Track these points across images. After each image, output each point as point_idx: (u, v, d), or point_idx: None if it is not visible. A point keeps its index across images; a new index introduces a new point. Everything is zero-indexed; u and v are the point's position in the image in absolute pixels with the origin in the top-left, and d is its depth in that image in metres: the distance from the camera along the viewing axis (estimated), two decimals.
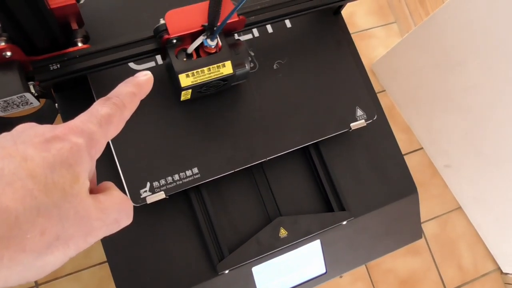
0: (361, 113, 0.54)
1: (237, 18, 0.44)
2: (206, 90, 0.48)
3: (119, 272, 0.48)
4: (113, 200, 0.22)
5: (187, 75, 0.43)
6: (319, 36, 0.56)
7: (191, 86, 0.44)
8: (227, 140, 0.50)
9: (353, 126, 0.54)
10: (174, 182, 0.47)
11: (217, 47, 0.44)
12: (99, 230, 0.20)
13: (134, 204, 0.46)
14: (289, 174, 0.56)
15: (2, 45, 0.38)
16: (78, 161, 0.19)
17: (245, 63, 0.46)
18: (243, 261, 0.50)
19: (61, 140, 0.19)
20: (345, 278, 1.03)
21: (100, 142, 0.22)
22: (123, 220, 0.22)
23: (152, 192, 0.46)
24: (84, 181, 0.20)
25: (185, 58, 0.44)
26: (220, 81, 0.46)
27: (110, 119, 0.22)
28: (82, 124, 0.21)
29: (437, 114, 1.05)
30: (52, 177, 0.18)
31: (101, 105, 0.23)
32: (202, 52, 0.44)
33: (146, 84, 0.27)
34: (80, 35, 0.44)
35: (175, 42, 0.43)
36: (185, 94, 0.46)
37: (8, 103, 0.40)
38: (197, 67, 0.44)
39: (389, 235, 0.58)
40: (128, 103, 0.24)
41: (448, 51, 0.90)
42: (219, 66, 0.44)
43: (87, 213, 0.19)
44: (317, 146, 0.55)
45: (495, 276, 1.12)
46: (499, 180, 0.96)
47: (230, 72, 0.45)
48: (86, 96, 0.50)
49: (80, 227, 0.19)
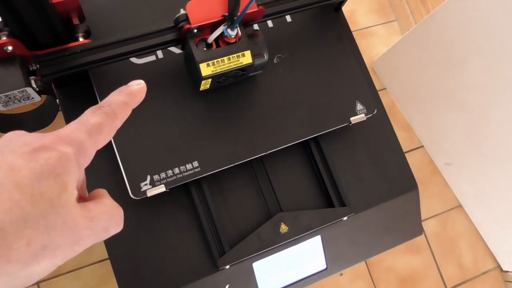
0: (361, 107, 0.54)
1: (257, 8, 0.45)
2: (225, 80, 0.48)
3: (120, 267, 0.49)
4: (103, 209, 0.22)
5: (207, 65, 0.44)
6: (319, 32, 0.56)
7: (211, 75, 0.45)
8: (227, 134, 0.50)
9: (353, 120, 0.54)
10: (174, 176, 0.47)
11: (237, 37, 0.45)
12: (87, 238, 0.20)
13: (135, 197, 0.46)
14: (290, 170, 0.56)
15: (4, 39, 0.38)
16: (66, 170, 0.19)
17: (264, 53, 0.47)
18: (243, 257, 0.50)
19: (49, 150, 0.19)
20: (345, 276, 1.03)
21: (89, 151, 0.22)
22: (112, 228, 0.22)
23: (153, 185, 0.46)
24: (72, 191, 0.20)
25: (205, 48, 0.45)
26: (239, 71, 0.47)
27: (100, 129, 0.22)
28: (71, 133, 0.21)
29: (438, 112, 1.05)
30: (39, 187, 0.18)
31: (91, 114, 0.23)
32: (221, 42, 0.45)
33: (139, 93, 0.26)
34: (82, 30, 0.44)
35: (195, 32, 0.44)
36: (204, 83, 0.47)
37: (10, 97, 0.40)
38: (217, 56, 0.44)
39: (390, 231, 0.58)
40: (119, 112, 0.24)
41: (449, 49, 0.90)
42: (239, 55, 0.45)
43: (75, 223, 0.19)
44: (318, 141, 0.55)
45: (495, 274, 1.12)
46: (500, 179, 0.96)
47: (250, 62, 0.46)
48: (88, 91, 0.50)
49: (67, 236, 0.19)
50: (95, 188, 0.25)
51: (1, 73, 0.39)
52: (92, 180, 0.49)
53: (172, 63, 0.50)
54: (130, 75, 0.49)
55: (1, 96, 0.39)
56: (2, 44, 0.38)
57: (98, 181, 0.50)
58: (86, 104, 0.50)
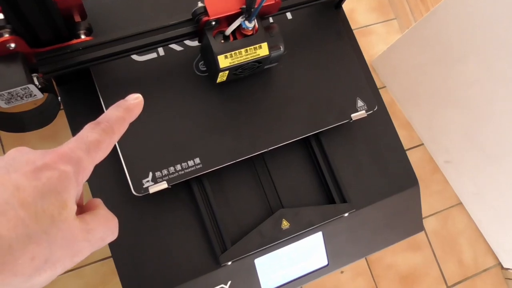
0: (361, 104, 0.54)
1: (273, 1, 0.45)
2: (241, 72, 0.49)
3: (123, 264, 0.49)
4: (99, 220, 0.23)
5: (225, 57, 0.45)
6: (320, 29, 0.56)
7: (229, 67, 0.45)
8: (229, 131, 0.50)
9: (354, 116, 0.54)
10: (176, 172, 0.47)
11: (254, 29, 0.46)
12: (85, 249, 0.22)
13: (137, 194, 0.46)
14: (291, 167, 0.56)
15: (6, 36, 0.38)
16: (66, 188, 0.21)
17: (280, 45, 0.47)
18: (245, 253, 0.50)
19: (51, 169, 0.21)
20: (346, 274, 1.03)
21: (87, 168, 0.23)
22: (108, 237, 0.24)
23: (155, 182, 0.47)
24: (71, 207, 0.21)
25: (222, 40, 0.45)
26: (255, 63, 0.47)
27: (98, 146, 0.23)
28: (71, 152, 0.22)
29: (438, 110, 1.05)
30: (42, 205, 0.20)
31: (90, 130, 0.24)
32: (238, 35, 0.46)
33: (136, 108, 0.27)
34: (83, 28, 0.44)
35: (213, 24, 0.44)
36: (222, 75, 0.47)
37: (12, 95, 0.40)
38: (235, 48, 0.45)
39: (391, 227, 0.58)
40: (117, 128, 0.25)
41: (448, 47, 0.91)
42: (256, 47, 0.46)
43: (74, 236, 0.21)
44: (319, 138, 0.55)
45: (496, 271, 1.12)
46: (500, 176, 0.97)
47: (266, 54, 0.46)
48: (89, 89, 0.50)
49: (67, 249, 0.20)
50: (97, 185, 0.26)
51: (4, 70, 0.39)
52: (95, 177, 0.49)
53: (173, 60, 0.51)
54: (131, 72, 0.49)
55: (4, 93, 0.39)
56: (4, 42, 0.38)
57: (101, 177, 0.50)
58: (88, 101, 0.51)
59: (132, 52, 0.45)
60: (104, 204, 0.25)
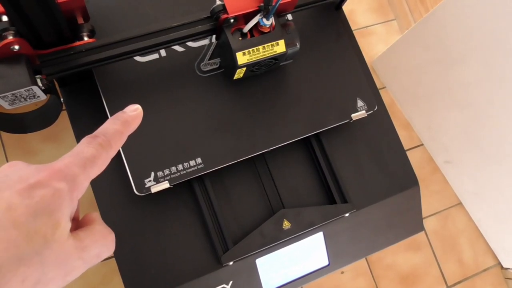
0: (361, 104, 0.55)
1: None
2: (258, 69, 0.50)
3: (125, 263, 0.49)
4: (95, 237, 0.22)
5: (243, 53, 0.45)
6: (320, 30, 0.56)
7: (246, 64, 0.46)
8: (230, 131, 0.50)
9: (354, 116, 0.54)
10: (178, 172, 0.48)
11: (271, 26, 0.46)
12: (79, 268, 0.21)
13: (139, 194, 0.47)
14: (292, 167, 0.56)
15: (10, 38, 0.38)
16: (59, 206, 0.20)
17: (296, 42, 0.48)
18: (247, 253, 0.51)
19: (44, 186, 0.20)
20: (346, 274, 1.04)
21: (82, 184, 0.22)
22: (103, 254, 0.23)
23: (157, 182, 0.47)
24: (65, 225, 0.20)
25: (240, 37, 0.46)
26: (272, 60, 0.48)
27: (94, 161, 0.23)
28: (66, 168, 0.21)
29: (437, 110, 1.05)
30: (34, 225, 0.19)
31: (86, 145, 0.23)
32: (255, 32, 0.46)
33: (135, 120, 0.27)
34: (86, 30, 0.45)
35: (232, 22, 0.45)
36: (239, 72, 0.48)
37: (16, 96, 0.41)
38: (253, 45, 0.46)
39: (391, 227, 0.59)
40: (114, 142, 0.24)
41: (448, 48, 0.91)
42: (273, 44, 0.46)
43: (67, 256, 0.20)
44: (319, 138, 0.56)
45: (496, 271, 1.13)
46: (499, 176, 0.97)
47: (283, 51, 0.47)
48: (92, 90, 0.50)
49: (60, 269, 0.20)
50: (98, 184, 0.25)
51: (8, 72, 0.39)
52: (97, 177, 0.49)
53: (175, 61, 0.51)
54: (133, 73, 0.50)
55: (8, 94, 0.40)
56: (8, 43, 0.38)
57: (102, 178, 0.50)
58: (90, 102, 0.51)
59: (136, 54, 0.45)
60: (101, 214, 0.25)
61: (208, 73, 0.52)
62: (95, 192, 0.50)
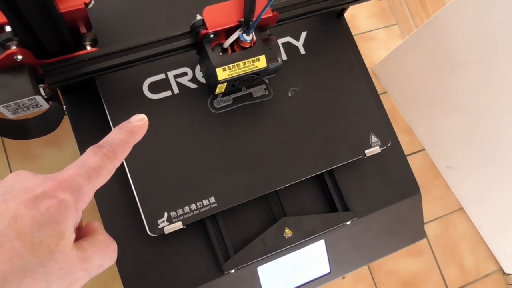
0: (375, 139, 0.54)
1: (271, 13, 0.46)
2: (240, 84, 0.49)
3: (127, 272, 0.49)
4: (98, 247, 0.22)
5: (223, 69, 0.45)
6: (332, 63, 0.56)
7: (227, 79, 0.45)
8: (243, 169, 0.50)
9: (368, 152, 0.54)
10: (191, 212, 0.47)
11: (252, 42, 0.46)
12: (82, 278, 0.21)
13: (152, 234, 0.46)
14: None
15: (13, 49, 0.39)
16: (64, 217, 0.20)
17: (278, 57, 0.48)
18: (248, 261, 0.51)
19: (50, 197, 0.20)
20: (347, 279, 1.03)
21: (87, 195, 0.22)
22: (106, 264, 0.23)
23: (170, 222, 0.47)
24: (69, 237, 0.20)
25: (221, 52, 0.45)
26: (253, 75, 0.47)
27: (100, 172, 0.23)
28: (71, 179, 0.21)
29: (439, 115, 1.05)
30: (39, 236, 0.19)
31: (92, 155, 0.23)
32: (236, 47, 0.46)
33: (140, 130, 0.26)
34: (89, 39, 0.45)
35: (212, 37, 0.45)
36: (220, 87, 0.47)
37: (19, 105, 0.41)
38: (233, 61, 0.45)
39: (393, 235, 0.59)
40: (119, 153, 0.24)
41: (449, 53, 0.91)
42: (254, 60, 0.46)
43: (71, 267, 0.20)
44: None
45: (497, 277, 1.12)
46: (501, 181, 0.97)
47: (264, 66, 0.46)
48: (94, 98, 0.50)
49: (63, 281, 0.20)
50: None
51: (11, 81, 0.39)
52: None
53: (187, 98, 0.51)
54: (145, 110, 0.49)
55: (11, 104, 0.40)
56: (11, 54, 0.38)
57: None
58: (92, 110, 0.51)
59: (135, 64, 0.45)
60: (103, 229, 0.24)
61: (221, 110, 0.51)
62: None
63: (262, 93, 0.53)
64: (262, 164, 0.51)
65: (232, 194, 0.49)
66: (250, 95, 0.53)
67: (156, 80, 0.51)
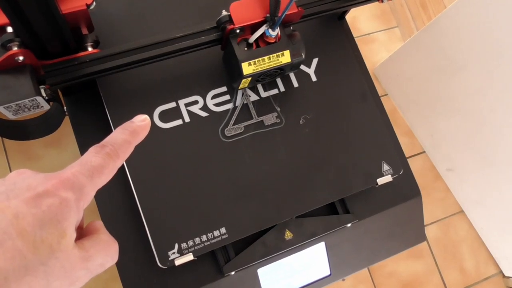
0: (387, 167, 0.54)
1: (296, 9, 0.46)
2: (263, 79, 0.49)
3: (127, 273, 0.49)
4: (100, 246, 0.22)
5: (249, 64, 0.45)
6: (344, 90, 0.55)
7: (252, 74, 0.46)
8: (254, 199, 0.50)
9: (380, 181, 0.53)
10: (202, 243, 0.47)
11: (277, 37, 0.46)
12: (83, 277, 0.21)
13: (162, 266, 0.46)
14: None
15: (15, 49, 0.39)
16: (66, 216, 0.20)
17: (302, 53, 0.48)
18: (249, 263, 0.51)
19: (52, 196, 0.20)
20: (347, 281, 1.03)
21: (89, 194, 0.22)
22: (107, 263, 0.23)
23: (180, 254, 0.46)
24: (70, 235, 0.20)
25: (246, 47, 0.46)
26: (277, 70, 0.48)
27: (102, 171, 0.23)
28: (74, 177, 0.21)
29: (439, 118, 1.05)
30: (40, 234, 0.19)
31: (94, 155, 0.23)
32: (261, 42, 0.46)
33: (143, 130, 0.26)
34: (90, 40, 0.45)
35: (238, 32, 0.45)
36: (244, 82, 0.48)
37: (20, 106, 0.41)
38: (259, 56, 0.46)
39: (393, 237, 0.58)
40: (121, 152, 0.24)
41: (450, 56, 0.91)
42: (279, 55, 0.46)
43: (72, 265, 0.20)
44: None
45: (497, 280, 1.12)
46: (501, 184, 0.97)
47: (288, 61, 0.47)
48: (95, 99, 0.50)
49: (65, 279, 0.20)
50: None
51: (12, 82, 0.39)
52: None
53: (198, 126, 0.50)
54: (156, 140, 0.49)
55: (12, 105, 0.40)
56: (13, 55, 0.38)
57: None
58: (93, 111, 0.51)
59: (139, 64, 0.45)
60: (105, 228, 0.24)
61: (232, 138, 0.51)
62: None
63: (273, 121, 0.52)
64: (273, 193, 0.50)
65: (243, 225, 0.48)
66: (262, 123, 0.52)
67: (167, 109, 0.50)
